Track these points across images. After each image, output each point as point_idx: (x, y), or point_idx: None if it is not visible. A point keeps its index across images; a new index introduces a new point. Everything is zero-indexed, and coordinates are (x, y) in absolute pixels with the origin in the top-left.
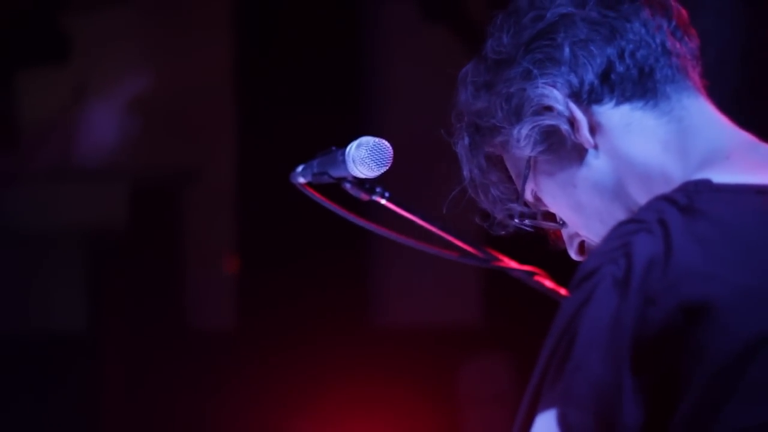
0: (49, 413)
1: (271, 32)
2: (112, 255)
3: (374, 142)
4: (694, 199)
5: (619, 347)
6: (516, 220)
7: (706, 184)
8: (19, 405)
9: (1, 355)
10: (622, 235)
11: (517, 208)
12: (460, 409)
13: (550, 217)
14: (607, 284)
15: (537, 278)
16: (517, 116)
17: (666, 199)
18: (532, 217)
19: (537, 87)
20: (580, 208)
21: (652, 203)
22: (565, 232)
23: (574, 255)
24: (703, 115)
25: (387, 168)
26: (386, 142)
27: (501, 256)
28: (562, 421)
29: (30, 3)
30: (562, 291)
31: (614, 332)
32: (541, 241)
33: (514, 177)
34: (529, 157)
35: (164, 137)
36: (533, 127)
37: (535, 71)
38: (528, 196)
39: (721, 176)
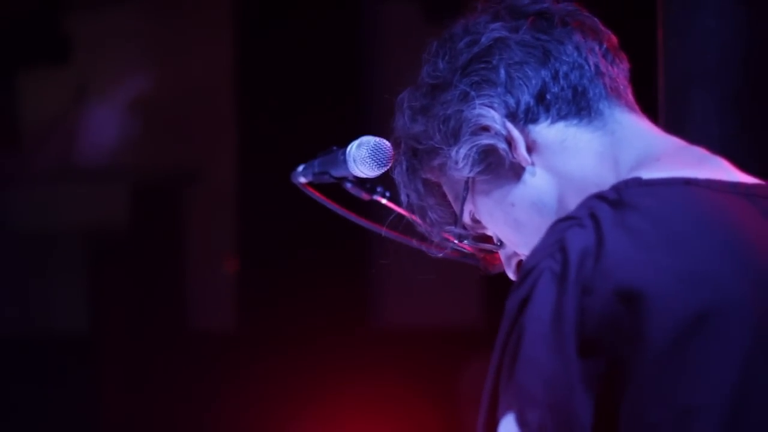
0: (49, 413)
1: (271, 33)
2: (112, 255)
3: (375, 141)
4: (623, 194)
5: (564, 340)
6: (454, 242)
7: (635, 181)
8: (20, 405)
9: (1, 355)
10: (557, 232)
11: (455, 230)
12: (461, 410)
13: (487, 239)
14: (546, 279)
15: None
16: (455, 137)
17: (596, 196)
18: (471, 239)
19: (474, 108)
20: (519, 226)
21: (584, 202)
22: (502, 253)
23: (512, 275)
24: (635, 127)
25: (388, 168)
26: (387, 142)
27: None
28: (520, 420)
29: (31, 4)
30: None
31: (558, 325)
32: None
33: (452, 200)
34: (468, 178)
35: (165, 137)
36: (471, 147)
37: (472, 93)
38: (466, 218)
39: (650, 173)
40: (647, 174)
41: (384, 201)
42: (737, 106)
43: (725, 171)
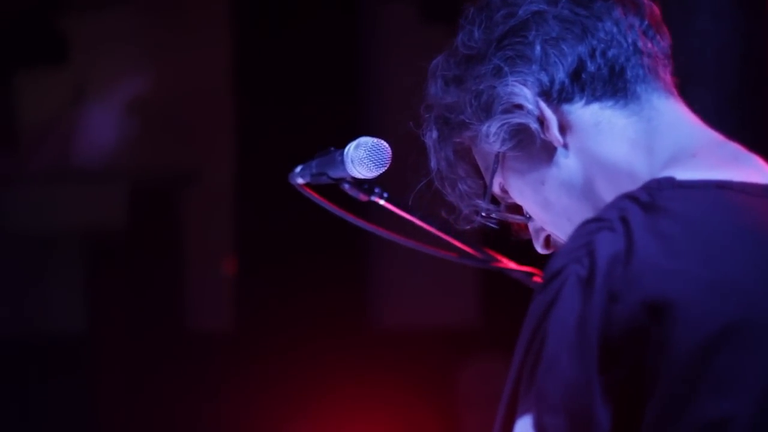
0: (47, 414)
1: (269, 33)
2: (110, 256)
3: (373, 142)
4: (655, 196)
5: (587, 346)
6: (482, 214)
7: (668, 181)
8: (18, 406)
9: None
10: (585, 234)
11: (483, 203)
12: (459, 410)
13: (517, 210)
14: (572, 283)
15: (536, 279)
16: (486, 113)
17: (628, 197)
18: (499, 210)
19: (507, 85)
20: (547, 205)
21: (615, 202)
22: (531, 226)
23: (540, 249)
24: (671, 115)
25: (385, 168)
26: (385, 143)
27: (500, 257)
28: (538, 424)
29: (28, 4)
30: None
31: (581, 331)
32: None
33: (482, 170)
34: (498, 152)
35: (163, 138)
36: (502, 125)
37: (506, 68)
38: (496, 189)
39: (684, 173)
40: (681, 174)
41: (382, 202)
42: (735, 106)
43: (761, 172)
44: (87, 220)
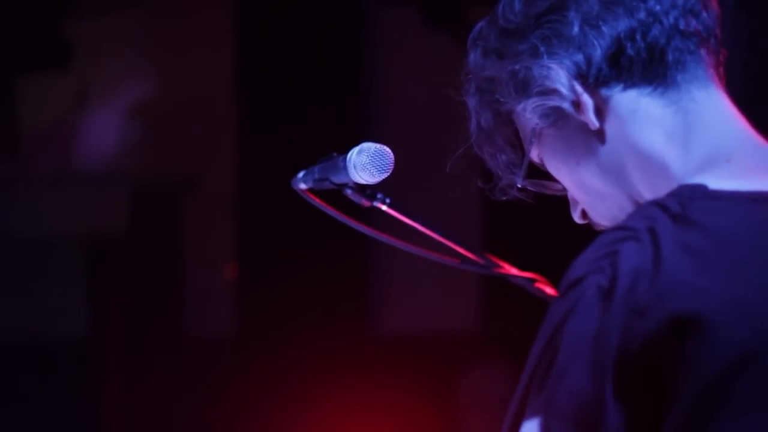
0: (47, 417)
1: (272, 38)
2: (112, 260)
3: (375, 148)
4: (687, 207)
5: (602, 359)
6: (518, 186)
7: (701, 191)
8: (18, 409)
9: (0, 360)
10: (610, 243)
11: (521, 173)
12: (460, 416)
13: (554, 179)
14: (592, 294)
15: (538, 285)
16: (522, 93)
17: (658, 205)
18: (536, 184)
19: (543, 66)
20: (582, 186)
21: (644, 209)
22: (570, 195)
23: (577, 219)
24: (711, 110)
25: (388, 174)
26: (387, 148)
27: (502, 263)
28: (545, 430)
29: (31, 8)
30: None
31: (597, 343)
32: (541, 248)
33: (522, 138)
34: (535, 127)
35: (165, 143)
36: (537, 106)
37: (542, 49)
38: (534, 157)
39: (717, 181)
40: (714, 182)
41: (384, 207)
42: (739, 112)
43: None
44: (89, 224)
